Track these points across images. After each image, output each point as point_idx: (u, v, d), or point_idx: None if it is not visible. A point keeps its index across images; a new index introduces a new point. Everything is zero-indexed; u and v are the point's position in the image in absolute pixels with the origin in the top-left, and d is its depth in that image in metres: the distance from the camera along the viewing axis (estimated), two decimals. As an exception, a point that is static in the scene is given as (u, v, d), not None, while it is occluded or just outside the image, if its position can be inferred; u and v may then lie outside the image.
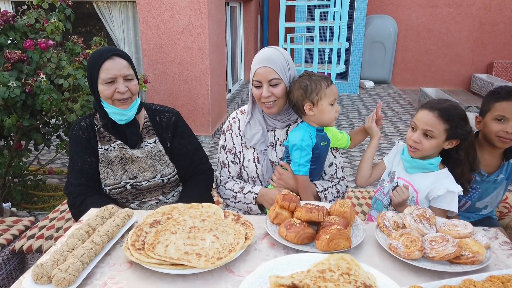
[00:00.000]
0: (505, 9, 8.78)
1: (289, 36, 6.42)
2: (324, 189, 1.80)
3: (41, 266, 1.09)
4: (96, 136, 1.78)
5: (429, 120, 1.58)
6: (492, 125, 1.72)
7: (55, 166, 4.19)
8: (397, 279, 1.11)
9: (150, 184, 1.81)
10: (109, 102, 1.69)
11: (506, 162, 1.80)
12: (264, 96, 1.69)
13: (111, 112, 1.71)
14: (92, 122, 1.80)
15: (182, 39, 4.85)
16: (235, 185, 1.88)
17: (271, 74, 1.68)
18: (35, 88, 2.71)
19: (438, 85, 9.27)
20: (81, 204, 1.73)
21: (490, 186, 1.85)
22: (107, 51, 1.67)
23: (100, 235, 1.24)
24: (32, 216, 2.84)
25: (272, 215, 1.40)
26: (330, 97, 1.66)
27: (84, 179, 1.76)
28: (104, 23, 5.30)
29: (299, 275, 1.07)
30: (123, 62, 1.68)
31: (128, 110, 1.71)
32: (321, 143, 1.74)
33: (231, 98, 7.44)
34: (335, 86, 1.69)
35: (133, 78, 1.71)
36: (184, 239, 1.26)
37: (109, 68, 1.64)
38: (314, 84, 1.64)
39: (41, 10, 3.03)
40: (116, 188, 1.77)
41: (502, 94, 1.70)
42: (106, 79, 1.64)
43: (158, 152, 1.83)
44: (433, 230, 1.32)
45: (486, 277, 1.09)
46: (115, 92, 1.66)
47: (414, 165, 1.67)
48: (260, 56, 1.72)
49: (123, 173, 1.78)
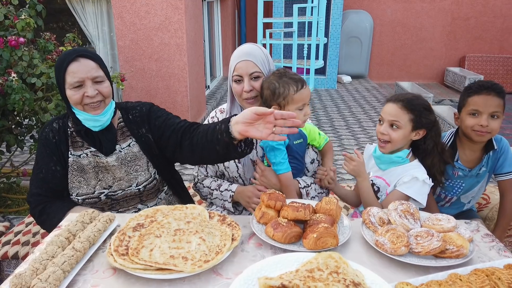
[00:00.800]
0: (476, 4, 9.02)
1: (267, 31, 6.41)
2: (306, 185, 1.79)
3: (19, 276, 1.04)
4: (68, 141, 1.64)
5: (394, 111, 1.66)
6: (467, 120, 1.76)
7: (29, 168, 4.04)
8: (385, 275, 1.12)
9: (126, 193, 1.69)
10: (79, 108, 1.56)
11: (486, 155, 1.84)
12: (245, 90, 1.68)
13: (84, 118, 1.58)
14: (65, 124, 1.66)
15: (159, 35, 4.76)
16: (212, 183, 1.87)
17: (252, 68, 1.67)
18: (6, 88, 2.60)
19: (413, 79, 9.45)
20: (41, 214, 1.62)
21: (474, 180, 1.89)
22: (71, 53, 1.53)
23: (81, 241, 1.20)
24: (6, 221, 2.74)
25: (258, 215, 1.39)
26: (298, 103, 1.63)
27: (44, 189, 1.63)
28: (77, 19, 5.15)
29: (288, 275, 1.07)
30: (90, 64, 1.54)
31: (101, 116, 1.58)
32: (295, 141, 1.73)
33: (210, 95, 7.38)
34: (306, 90, 1.64)
35: (103, 80, 1.57)
36: (169, 242, 1.23)
37: (75, 71, 1.50)
38: (283, 88, 1.61)
39: (10, 6, 2.91)
40: (90, 198, 1.65)
41: (474, 89, 1.75)
42: (73, 83, 1.51)
43: (133, 157, 1.70)
44: (417, 225, 1.34)
45: (471, 270, 1.11)
46: (84, 96, 1.52)
47: (384, 160, 1.74)
48: (240, 51, 1.71)
49: (96, 183, 1.65)
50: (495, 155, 1.84)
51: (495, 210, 2.06)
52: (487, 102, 1.71)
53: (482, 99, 1.72)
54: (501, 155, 1.83)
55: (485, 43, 9.24)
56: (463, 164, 1.85)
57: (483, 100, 1.72)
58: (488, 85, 1.73)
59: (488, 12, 9.05)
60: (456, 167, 1.85)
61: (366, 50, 9.21)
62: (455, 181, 1.89)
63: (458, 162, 1.86)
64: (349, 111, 6.70)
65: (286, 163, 1.70)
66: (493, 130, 1.72)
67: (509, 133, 5.89)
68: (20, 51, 2.78)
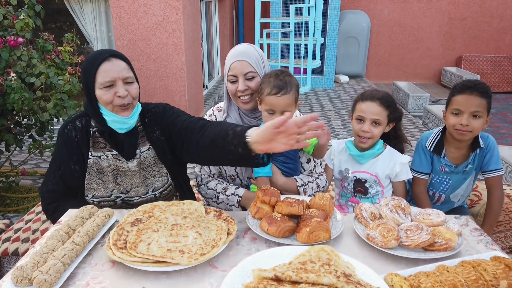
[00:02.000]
0: (473, 4, 9.07)
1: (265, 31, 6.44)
2: (304, 184, 1.81)
3: (21, 268, 1.07)
4: (89, 141, 1.62)
5: (375, 109, 1.76)
6: (450, 119, 1.80)
7: (28, 167, 4.07)
8: (375, 268, 1.15)
9: (142, 200, 1.67)
10: (109, 108, 1.54)
11: (473, 153, 1.87)
12: (240, 89, 1.70)
13: (111, 120, 1.56)
14: (88, 124, 1.63)
15: (157, 35, 4.79)
16: (218, 185, 1.84)
17: (247, 68, 1.69)
18: (5, 87, 2.63)
19: (410, 78, 9.51)
20: (54, 211, 1.61)
21: (460, 177, 1.93)
22: (104, 52, 1.52)
23: (80, 236, 1.23)
24: (6, 219, 2.77)
25: (253, 210, 1.42)
26: (266, 105, 1.64)
27: (61, 187, 1.62)
28: (75, 19, 5.17)
29: (281, 267, 1.10)
30: (122, 64, 1.53)
31: (129, 118, 1.57)
32: None
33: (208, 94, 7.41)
34: (280, 99, 1.61)
35: (133, 81, 1.56)
36: (167, 236, 1.26)
37: (107, 71, 1.49)
38: (263, 84, 1.65)
39: (9, 7, 2.93)
40: (106, 201, 1.63)
41: (458, 88, 1.79)
42: (104, 83, 1.49)
43: (152, 162, 1.69)
44: (408, 219, 1.38)
45: (458, 262, 1.15)
46: (114, 96, 1.51)
47: (365, 155, 1.85)
48: (235, 51, 1.73)
49: (114, 186, 1.63)
50: (482, 153, 1.87)
51: (487, 206, 2.10)
52: (468, 101, 1.73)
53: (464, 98, 1.75)
54: (487, 152, 1.87)
55: (482, 43, 9.30)
56: (449, 161, 1.89)
57: (465, 99, 1.74)
58: (471, 84, 1.75)
59: (485, 12, 9.10)
60: (443, 163, 1.89)
61: (364, 50, 9.25)
62: (442, 177, 1.94)
63: (444, 159, 1.89)
64: (346, 111, 6.73)
65: (267, 168, 1.71)
66: (474, 130, 1.75)
67: (505, 132, 5.94)
68: (19, 51, 2.81)
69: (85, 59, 1.62)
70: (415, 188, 1.95)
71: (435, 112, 5.69)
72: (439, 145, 1.89)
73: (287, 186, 1.78)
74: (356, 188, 1.89)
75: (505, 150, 3.99)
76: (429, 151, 1.90)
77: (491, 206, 1.91)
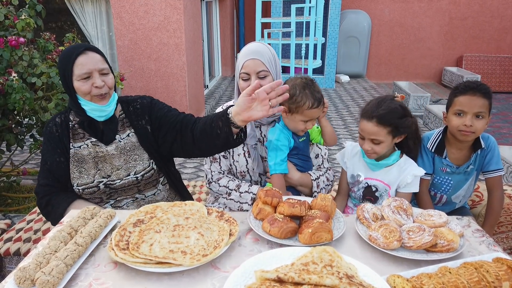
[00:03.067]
0: (473, 3, 9.06)
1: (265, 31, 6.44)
2: (317, 177, 1.88)
3: (23, 269, 1.07)
4: (69, 134, 1.73)
5: (371, 129, 1.69)
6: (453, 120, 1.79)
7: (29, 167, 4.07)
8: (377, 269, 1.15)
9: (124, 182, 1.74)
10: (87, 98, 1.64)
11: (475, 154, 1.87)
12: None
13: (90, 109, 1.66)
14: (67, 119, 1.75)
15: (158, 35, 4.79)
16: (230, 182, 1.87)
17: (260, 66, 1.70)
18: (6, 87, 2.63)
19: (410, 78, 9.50)
20: (47, 205, 1.70)
21: (462, 177, 1.93)
22: (79, 46, 1.63)
23: (83, 236, 1.23)
24: (7, 218, 2.77)
25: (255, 211, 1.42)
26: (305, 117, 1.70)
27: (51, 179, 1.71)
28: (76, 18, 5.17)
29: (284, 268, 1.10)
30: (96, 56, 1.64)
31: (107, 106, 1.67)
32: (299, 140, 1.81)
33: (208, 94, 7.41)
34: (318, 110, 1.70)
35: (108, 72, 1.68)
36: (169, 237, 1.26)
37: (83, 63, 1.59)
38: (300, 98, 1.67)
39: (10, 7, 2.94)
40: (89, 188, 1.71)
41: (460, 89, 1.78)
42: (82, 75, 1.59)
43: (132, 147, 1.77)
44: (410, 220, 1.38)
45: (460, 263, 1.15)
46: (92, 87, 1.61)
47: (379, 164, 1.79)
48: (248, 49, 1.74)
49: (96, 172, 1.72)
50: (483, 153, 1.88)
51: (488, 207, 2.10)
52: (471, 102, 1.73)
53: (467, 99, 1.75)
54: (488, 152, 1.87)
55: (483, 43, 9.29)
56: (451, 161, 1.89)
57: (468, 100, 1.74)
58: (473, 85, 1.75)
59: (486, 12, 9.09)
60: (444, 164, 1.89)
61: (364, 49, 9.25)
62: (443, 178, 1.94)
63: (446, 159, 1.89)
64: (347, 111, 6.74)
65: (284, 165, 1.75)
66: (478, 130, 1.75)
67: (505, 132, 5.94)
68: (20, 51, 2.81)
69: (61, 53, 1.71)
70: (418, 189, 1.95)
71: (435, 112, 5.69)
72: (440, 146, 1.89)
73: (303, 180, 1.84)
74: (365, 196, 1.85)
75: (505, 150, 3.98)
76: (431, 152, 1.90)
77: (492, 207, 1.91)
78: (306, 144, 1.86)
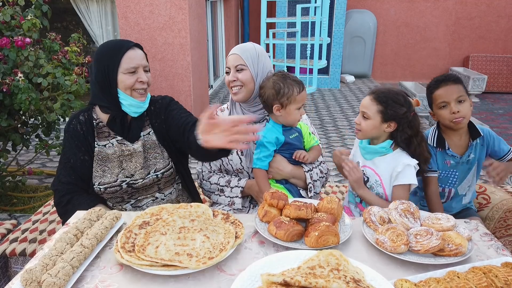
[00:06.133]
0: (480, 3, 9.00)
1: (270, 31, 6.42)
2: (310, 170, 1.90)
3: (30, 271, 1.07)
4: (94, 132, 1.73)
5: (365, 102, 1.76)
6: (441, 114, 1.87)
7: (34, 167, 4.09)
8: (384, 273, 1.14)
9: (145, 182, 1.75)
10: (127, 93, 1.67)
11: (474, 142, 1.92)
12: (229, 80, 1.83)
13: (128, 104, 1.68)
14: (90, 117, 1.75)
15: (163, 35, 4.80)
16: (220, 179, 1.95)
17: (238, 61, 1.81)
18: (12, 88, 2.64)
19: (416, 78, 9.44)
20: (68, 203, 1.68)
21: (465, 167, 1.95)
22: (127, 42, 1.69)
23: (89, 238, 1.23)
24: (13, 218, 2.79)
25: (261, 214, 1.42)
26: (299, 103, 1.76)
27: (74, 177, 1.70)
28: (81, 18, 5.20)
29: (290, 272, 1.09)
30: (142, 54, 1.70)
31: (144, 103, 1.73)
32: (290, 136, 1.85)
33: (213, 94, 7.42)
34: (305, 92, 1.79)
35: (149, 70, 1.74)
36: (174, 239, 1.26)
37: (132, 58, 1.65)
38: (287, 88, 1.73)
39: (16, 7, 2.95)
40: (112, 187, 1.70)
41: (433, 85, 1.90)
42: (129, 68, 1.64)
43: (152, 144, 1.79)
44: (417, 224, 1.37)
45: (468, 268, 1.14)
46: (136, 82, 1.66)
47: (368, 151, 1.81)
48: (235, 47, 1.88)
49: (119, 171, 1.73)
50: (482, 142, 1.93)
51: (495, 210, 2.08)
52: (448, 91, 1.83)
53: (443, 90, 1.85)
54: (491, 140, 1.93)
55: (489, 43, 9.23)
56: (453, 151, 1.92)
57: (444, 91, 1.84)
58: (442, 78, 1.88)
59: (492, 12, 9.03)
60: (449, 155, 1.92)
61: (370, 49, 9.21)
62: (448, 171, 1.95)
63: (449, 150, 1.92)
64: (352, 111, 6.71)
65: (266, 162, 1.80)
66: (466, 113, 1.83)
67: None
68: (26, 51, 2.82)
69: (103, 46, 1.71)
70: (426, 189, 1.94)
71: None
72: (440, 139, 1.93)
73: (295, 173, 1.86)
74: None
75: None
76: (433, 147, 1.92)
77: None
78: (299, 140, 1.89)
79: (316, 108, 6.88)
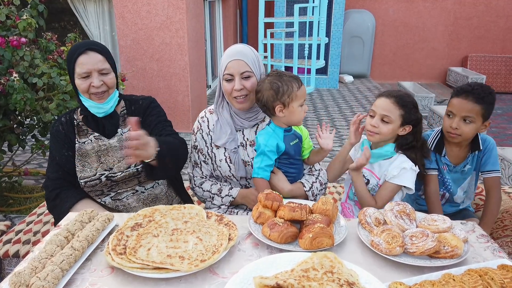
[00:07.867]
0: (479, 3, 8.99)
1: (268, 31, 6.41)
2: (310, 187, 1.80)
3: (18, 274, 1.06)
4: (74, 130, 1.81)
5: (387, 106, 1.71)
6: (444, 120, 1.85)
7: (30, 167, 4.07)
8: (379, 275, 1.13)
9: (125, 174, 1.77)
10: (86, 96, 1.72)
11: (471, 154, 1.89)
12: (236, 89, 1.69)
13: (89, 106, 1.75)
14: (71, 118, 1.84)
15: (160, 35, 4.78)
16: (212, 186, 1.87)
17: (243, 67, 1.68)
18: (8, 88, 2.62)
19: (415, 78, 9.43)
20: (56, 197, 1.76)
21: (459, 176, 1.94)
22: (81, 46, 1.69)
23: (79, 240, 1.21)
24: (8, 220, 2.77)
25: (255, 215, 1.40)
26: (300, 99, 1.66)
27: (60, 172, 1.78)
28: (78, 18, 5.17)
29: (283, 274, 1.08)
30: (97, 57, 1.70)
31: (104, 104, 1.74)
32: (291, 143, 1.75)
33: (211, 94, 7.40)
34: (304, 87, 1.69)
35: (108, 72, 1.73)
36: (167, 242, 1.24)
37: (83, 63, 1.66)
38: (286, 86, 1.63)
39: (12, 7, 2.92)
40: (92, 181, 1.76)
41: (456, 91, 1.82)
42: (81, 74, 1.67)
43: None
44: (413, 225, 1.35)
45: (464, 270, 1.12)
46: (90, 86, 1.68)
47: (374, 154, 1.78)
48: (231, 50, 1.73)
49: (98, 165, 1.78)
50: (480, 154, 1.90)
51: (493, 211, 2.07)
52: (461, 105, 1.76)
53: (458, 102, 1.78)
54: (485, 153, 1.89)
55: (488, 43, 9.21)
56: (449, 159, 1.91)
57: (458, 103, 1.78)
58: (469, 89, 1.77)
59: (491, 12, 9.02)
60: (443, 162, 1.91)
61: (368, 49, 9.19)
62: (444, 175, 1.96)
63: (445, 157, 1.91)
64: (350, 111, 6.70)
65: (267, 171, 1.70)
66: (464, 134, 1.78)
67: (511, 133, 5.88)
68: (22, 51, 2.80)
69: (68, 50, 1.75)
70: (427, 188, 1.92)
71: (440, 113, 5.63)
72: (439, 145, 1.91)
73: (295, 192, 1.76)
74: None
75: (510, 152, 3.94)
76: (431, 150, 1.90)
77: (489, 207, 1.91)
78: (298, 147, 1.80)
79: (315, 108, 6.86)
